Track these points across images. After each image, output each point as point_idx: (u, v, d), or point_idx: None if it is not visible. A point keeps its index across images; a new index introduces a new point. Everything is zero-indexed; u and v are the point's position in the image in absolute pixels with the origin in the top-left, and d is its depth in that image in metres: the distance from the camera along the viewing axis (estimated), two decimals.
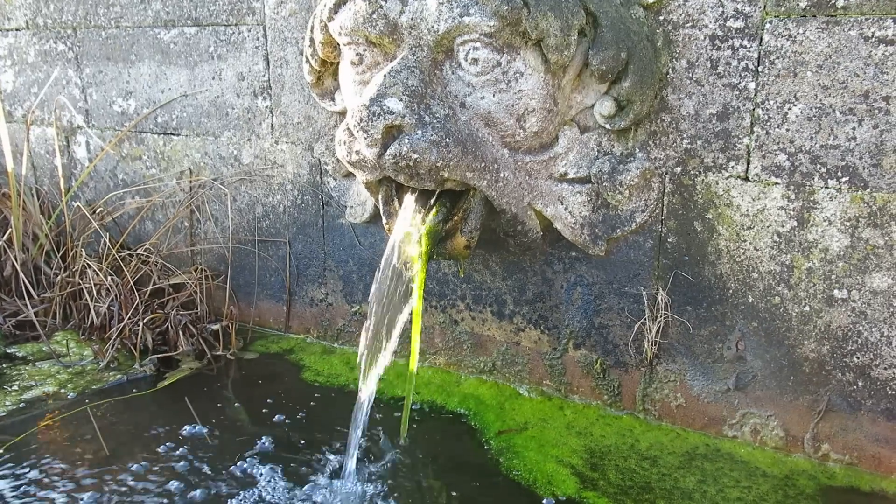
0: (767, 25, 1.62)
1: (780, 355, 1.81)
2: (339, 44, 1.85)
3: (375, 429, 1.98)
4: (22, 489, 1.76)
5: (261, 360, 2.45)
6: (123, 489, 1.75)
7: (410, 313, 1.74)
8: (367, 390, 1.77)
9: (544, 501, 1.70)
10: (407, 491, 1.75)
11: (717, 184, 1.77)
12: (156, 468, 1.84)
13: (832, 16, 1.56)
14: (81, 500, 1.71)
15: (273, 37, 2.29)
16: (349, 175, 2.25)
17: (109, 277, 2.56)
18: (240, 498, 1.72)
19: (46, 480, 1.79)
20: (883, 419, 1.74)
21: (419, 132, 1.60)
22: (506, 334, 2.19)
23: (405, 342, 1.80)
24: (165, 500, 1.72)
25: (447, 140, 1.61)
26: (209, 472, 1.82)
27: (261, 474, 1.80)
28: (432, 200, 1.78)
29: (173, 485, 1.76)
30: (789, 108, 1.65)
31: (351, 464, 1.79)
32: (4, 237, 2.74)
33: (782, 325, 1.79)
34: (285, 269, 2.55)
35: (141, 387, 2.28)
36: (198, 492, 1.74)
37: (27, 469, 1.84)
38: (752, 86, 1.67)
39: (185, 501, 1.71)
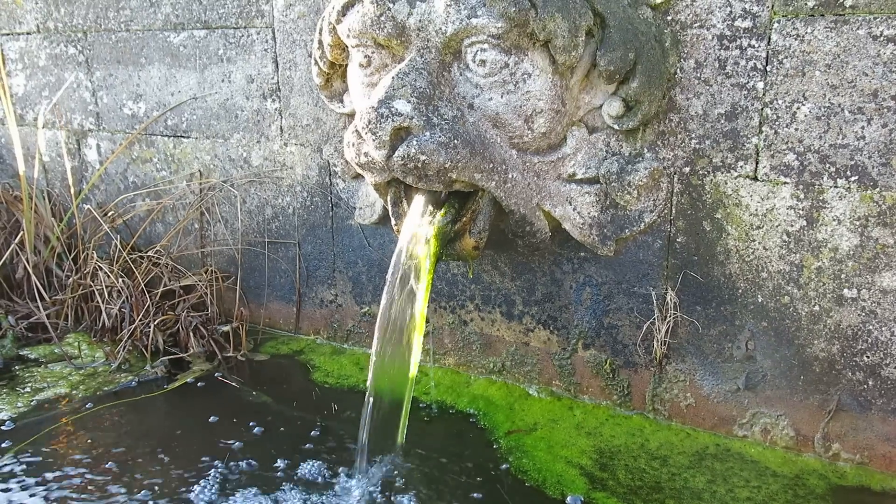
0: (776, 25, 1.62)
1: (790, 355, 1.81)
2: (347, 46, 1.86)
3: (387, 429, 1.98)
4: (32, 491, 1.77)
5: (271, 361, 2.47)
6: (134, 490, 1.77)
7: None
8: (375, 391, 1.78)
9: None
10: (416, 490, 1.76)
11: (726, 183, 1.77)
12: (166, 468, 1.85)
13: (840, 15, 1.55)
14: (90, 501, 1.73)
15: (282, 39, 2.30)
16: (358, 177, 2.26)
17: (120, 279, 2.58)
18: (252, 500, 1.73)
19: (57, 482, 1.80)
20: (893, 418, 1.73)
21: (427, 134, 1.60)
22: (515, 335, 2.20)
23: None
24: (177, 502, 1.73)
25: (455, 141, 1.62)
26: (221, 473, 1.83)
27: (272, 474, 1.82)
28: (441, 202, 1.79)
29: (184, 486, 1.78)
30: (798, 108, 1.64)
31: (361, 463, 1.80)
32: (17, 240, 2.76)
33: (792, 325, 1.79)
34: (295, 271, 2.56)
35: (152, 388, 2.29)
36: (210, 493, 1.75)
37: (38, 470, 1.85)
38: (760, 85, 1.67)
39: (198, 502, 1.73)
